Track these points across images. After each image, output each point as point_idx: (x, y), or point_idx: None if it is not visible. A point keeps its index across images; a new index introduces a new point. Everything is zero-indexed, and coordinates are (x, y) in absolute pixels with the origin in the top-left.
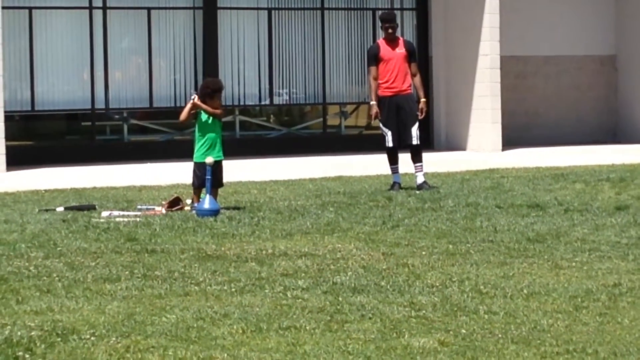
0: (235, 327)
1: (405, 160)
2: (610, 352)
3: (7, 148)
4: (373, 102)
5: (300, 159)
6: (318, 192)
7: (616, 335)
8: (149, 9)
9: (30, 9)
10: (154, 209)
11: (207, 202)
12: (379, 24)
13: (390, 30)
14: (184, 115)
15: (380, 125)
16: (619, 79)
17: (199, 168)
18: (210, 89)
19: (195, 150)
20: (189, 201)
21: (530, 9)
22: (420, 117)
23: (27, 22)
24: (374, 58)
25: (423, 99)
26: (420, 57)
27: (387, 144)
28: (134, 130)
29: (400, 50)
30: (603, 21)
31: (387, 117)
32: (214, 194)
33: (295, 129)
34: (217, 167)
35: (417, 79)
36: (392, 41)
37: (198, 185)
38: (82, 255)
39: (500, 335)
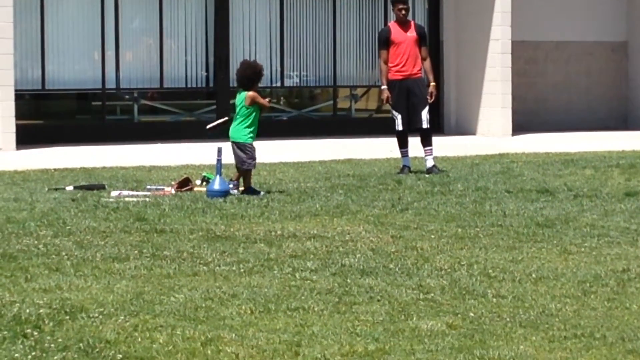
0: (243, 307)
1: (415, 143)
2: (618, 337)
3: (18, 127)
4: (384, 87)
5: (310, 141)
6: (328, 174)
7: (624, 321)
8: None
9: None
10: (163, 189)
11: (217, 182)
12: (390, 6)
13: (404, 12)
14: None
15: (390, 108)
16: (629, 66)
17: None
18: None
19: (243, 131)
20: (198, 182)
21: None
22: (430, 101)
23: (39, 1)
24: (385, 41)
25: (433, 83)
26: (431, 41)
27: (396, 128)
28: (144, 111)
29: (412, 33)
30: (614, 8)
31: (397, 101)
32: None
33: (306, 111)
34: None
35: (427, 63)
36: (403, 24)
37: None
38: (91, 234)
39: (508, 319)
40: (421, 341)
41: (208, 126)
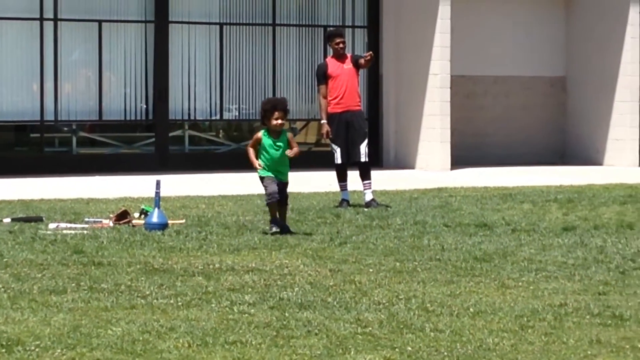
0: (181, 341)
1: (354, 177)
2: None
3: None
4: (324, 121)
5: (249, 174)
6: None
7: (561, 355)
8: (100, 22)
9: None
10: (101, 221)
11: (155, 215)
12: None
13: (341, 46)
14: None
15: (330, 142)
16: (568, 101)
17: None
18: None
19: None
20: (136, 214)
21: (481, 29)
22: (365, 134)
23: None
24: (323, 76)
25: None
26: (370, 74)
27: (336, 161)
28: (83, 143)
29: (348, 65)
30: (553, 43)
31: (337, 134)
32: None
33: (245, 144)
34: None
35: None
36: (340, 57)
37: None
38: (29, 267)
39: (446, 354)
40: None
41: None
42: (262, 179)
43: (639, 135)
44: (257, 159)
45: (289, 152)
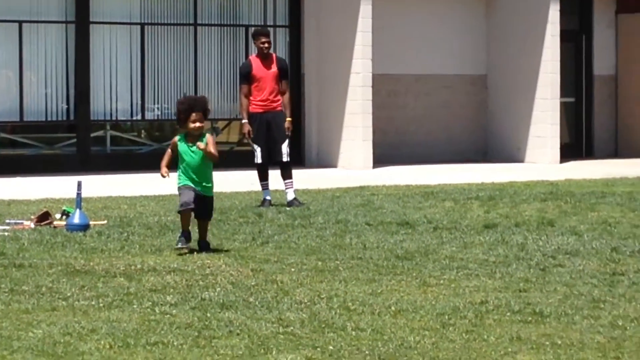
0: (102, 342)
1: (276, 176)
2: None
3: None
4: (245, 121)
5: (171, 174)
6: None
7: (482, 353)
8: (20, 22)
9: None
10: (22, 223)
11: (76, 216)
12: (251, 40)
13: (266, 46)
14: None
15: (250, 141)
16: (489, 99)
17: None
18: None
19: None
20: (58, 215)
21: (403, 28)
22: (287, 135)
23: None
24: (246, 76)
25: (289, 118)
26: (292, 74)
27: (256, 160)
28: (4, 144)
29: (273, 68)
30: (474, 41)
31: (257, 134)
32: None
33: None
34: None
35: (286, 97)
36: (265, 57)
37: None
38: None
39: (367, 352)
40: None
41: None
42: (179, 188)
43: (559, 132)
44: (176, 164)
45: (199, 144)
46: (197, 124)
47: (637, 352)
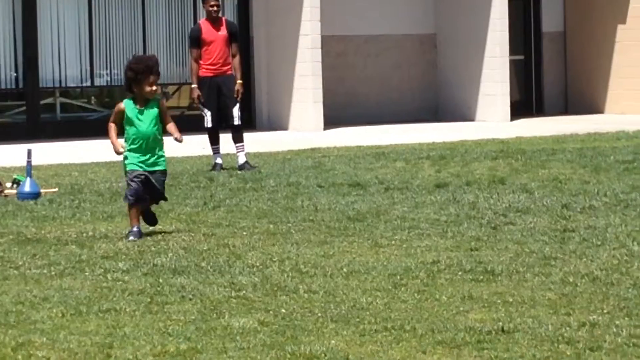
0: (54, 310)
1: (226, 140)
2: (428, 329)
3: None
4: (194, 85)
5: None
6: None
7: (434, 312)
8: None
9: None
10: None
11: (27, 184)
12: (200, 3)
13: (215, 9)
14: None
15: (200, 105)
16: (438, 58)
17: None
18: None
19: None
20: (8, 184)
21: None
22: (237, 99)
23: None
24: (196, 40)
25: (239, 81)
26: (241, 37)
27: (206, 124)
28: None
29: (223, 32)
30: (423, 1)
31: (208, 98)
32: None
33: None
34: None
35: (237, 60)
36: (214, 21)
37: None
38: None
39: (319, 314)
40: (233, 339)
41: None
42: (126, 172)
43: (509, 90)
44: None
45: (177, 135)
46: (154, 87)
47: (588, 308)
